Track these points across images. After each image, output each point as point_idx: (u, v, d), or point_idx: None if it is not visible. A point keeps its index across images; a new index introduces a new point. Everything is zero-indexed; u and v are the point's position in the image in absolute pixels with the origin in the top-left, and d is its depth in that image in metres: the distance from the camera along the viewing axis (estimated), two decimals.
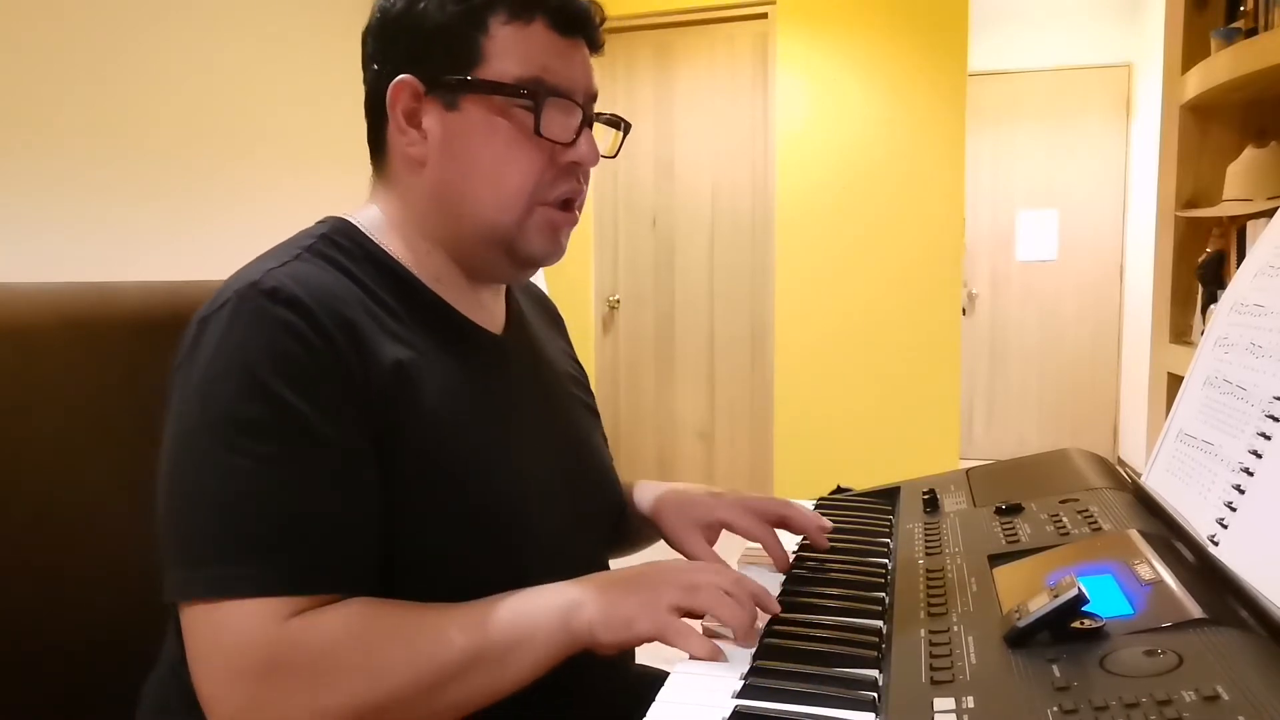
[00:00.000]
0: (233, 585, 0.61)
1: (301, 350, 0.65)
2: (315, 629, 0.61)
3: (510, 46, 0.75)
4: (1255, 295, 0.83)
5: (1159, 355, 2.42)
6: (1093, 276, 4.99)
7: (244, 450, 0.62)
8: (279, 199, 3.50)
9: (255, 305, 0.66)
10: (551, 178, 0.78)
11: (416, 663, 0.62)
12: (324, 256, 0.73)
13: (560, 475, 0.83)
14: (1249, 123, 2.20)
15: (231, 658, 0.60)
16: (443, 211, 0.78)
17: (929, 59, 3.61)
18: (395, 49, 0.77)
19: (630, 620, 0.66)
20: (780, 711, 0.56)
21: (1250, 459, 0.70)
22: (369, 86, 0.80)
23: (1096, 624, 0.56)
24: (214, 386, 0.64)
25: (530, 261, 0.81)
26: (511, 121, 0.75)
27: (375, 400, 0.67)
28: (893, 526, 0.95)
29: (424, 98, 0.76)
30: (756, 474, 3.98)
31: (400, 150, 0.78)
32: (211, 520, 0.62)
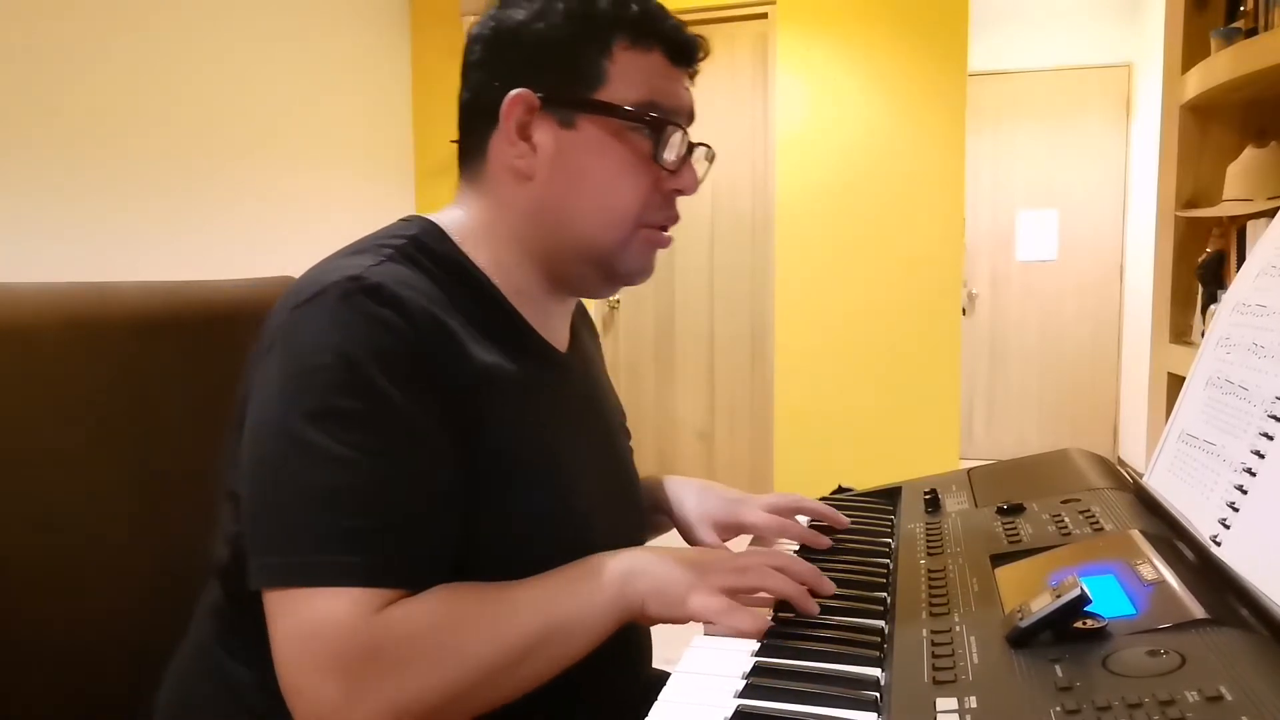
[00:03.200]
0: (329, 573, 0.61)
1: (401, 348, 0.66)
2: (404, 619, 0.61)
3: (630, 71, 0.76)
4: (1257, 295, 0.83)
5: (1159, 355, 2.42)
6: (1093, 276, 4.99)
7: (344, 441, 0.63)
8: (279, 199, 3.50)
9: (358, 300, 0.66)
10: (655, 202, 0.79)
11: (495, 642, 0.63)
12: (413, 260, 0.73)
13: (606, 490, 0.85)
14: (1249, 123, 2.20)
15: (325, 647, 0.59)
16: (544, 225, 0.78)
17: (929, 59, 3.61)
18: (511, 61, 0.77)
19: (681, 598, 0.68)
20: (782, 711, 0.56)
21: (1253, 459, 0.69)
22: (473, 93, 0.80)
23: (1099, 624, 0.56)
24: (314, 377, 0.64)
25: (624, 279, 0.82)
26: (626, 145, 0.77)
27: (461, 404, 0.69)
28: (894, 526, 0.95)
29: (538, 112, 0.76)
30: (756, 474, 3.98)
31: (506, 161, 0.78)
32: (310, 509, 0.62)
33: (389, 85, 4.18)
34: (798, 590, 0.71)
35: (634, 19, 0.77)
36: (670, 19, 0.80)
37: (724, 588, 0.69)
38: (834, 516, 0.95)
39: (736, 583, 0.70)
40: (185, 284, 0.97)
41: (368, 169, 4.03)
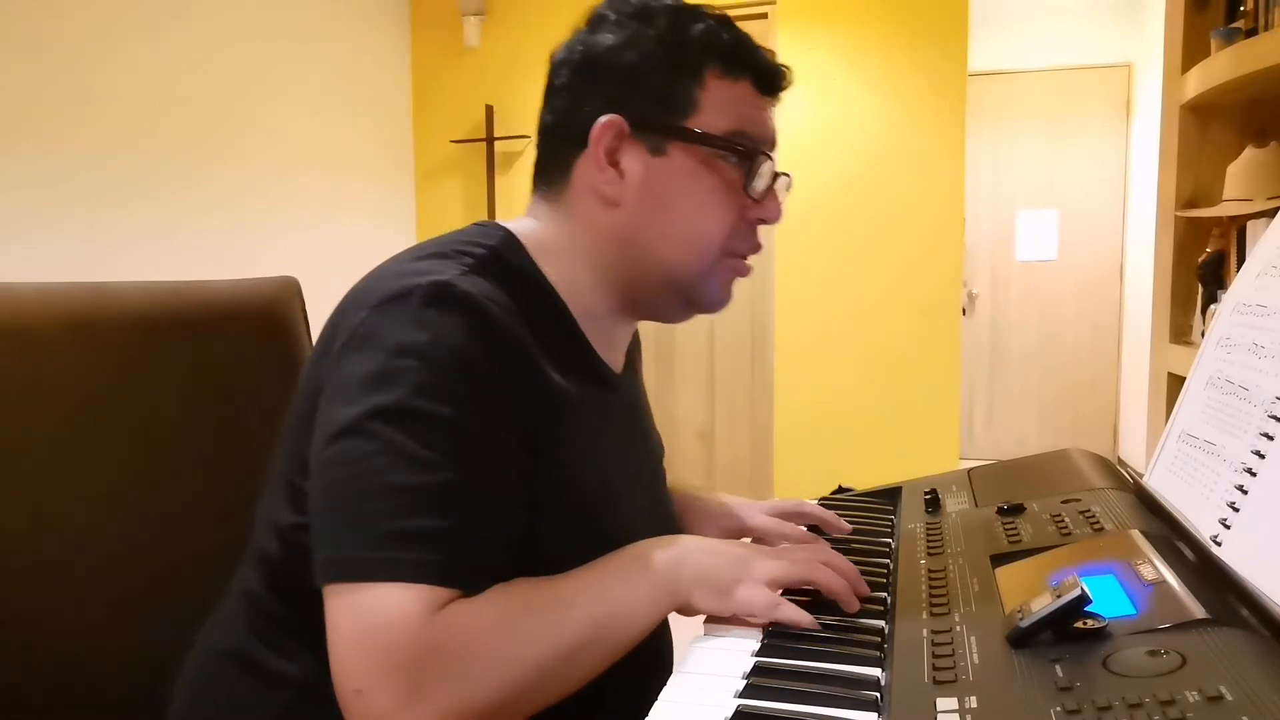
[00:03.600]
0: (396, 568, 0.60)
1: (483, 358, 0.66)
2: (466, 618, 0.61)
3: (720, 100, 0.76)
4: (1257, 295, 0.83)
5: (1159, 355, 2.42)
6: (1093, 276, 4.99)
7: (424, 442, 0.63)
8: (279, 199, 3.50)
9: (447, 306, 0.66)
10: (740, 231, 0.80)
11: (552, 640, 0.63)
12: (492, 272, 0.73)
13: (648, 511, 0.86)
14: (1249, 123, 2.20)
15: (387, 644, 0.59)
16: (628, 250, 0.78)
17: (929, 59, 3.61)
18: (601, 86, 0.77)
19: (728, 589, 0.68)
20: (782, 711, 0.56)
21: (1253, 459, 0.69)
22: (558, 116, 0.79)
23: (1099, 624, 0.56)
24: (398, 377, 0.64)
25: (703, 308, 0.82)
26: (715, 174, 0.77)
27: (529, 419, 0.69)
28: (894, 526, 0.95)
29: (628, 139, 0.76)
30: (756, 474, 3.98)
31: (592, 185, 0.77)
32: (383, 506, 0.62)
33: (389, 85, 4.18)
34: (844, 586, 0.71)
35: (726, 48, 0.77)
36: (760, 49, 0.79)
37: (772, 580, 0.69)
38: (835, 523, 0.95)
39: (786, 575, 0.70)
40: (185, 284, 0.97)
41: (367, 169, 4.03)
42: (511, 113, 4.11)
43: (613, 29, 0.77)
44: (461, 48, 4.16)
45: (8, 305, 0.81)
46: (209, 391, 0.95)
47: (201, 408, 0.94)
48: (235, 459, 0.97)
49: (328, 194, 3.77)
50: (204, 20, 3.14)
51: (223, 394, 0.96)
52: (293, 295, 1.06)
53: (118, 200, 2.84)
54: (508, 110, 4.11)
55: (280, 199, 3.51)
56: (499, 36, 4.11)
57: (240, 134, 3.31)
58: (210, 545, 0.93)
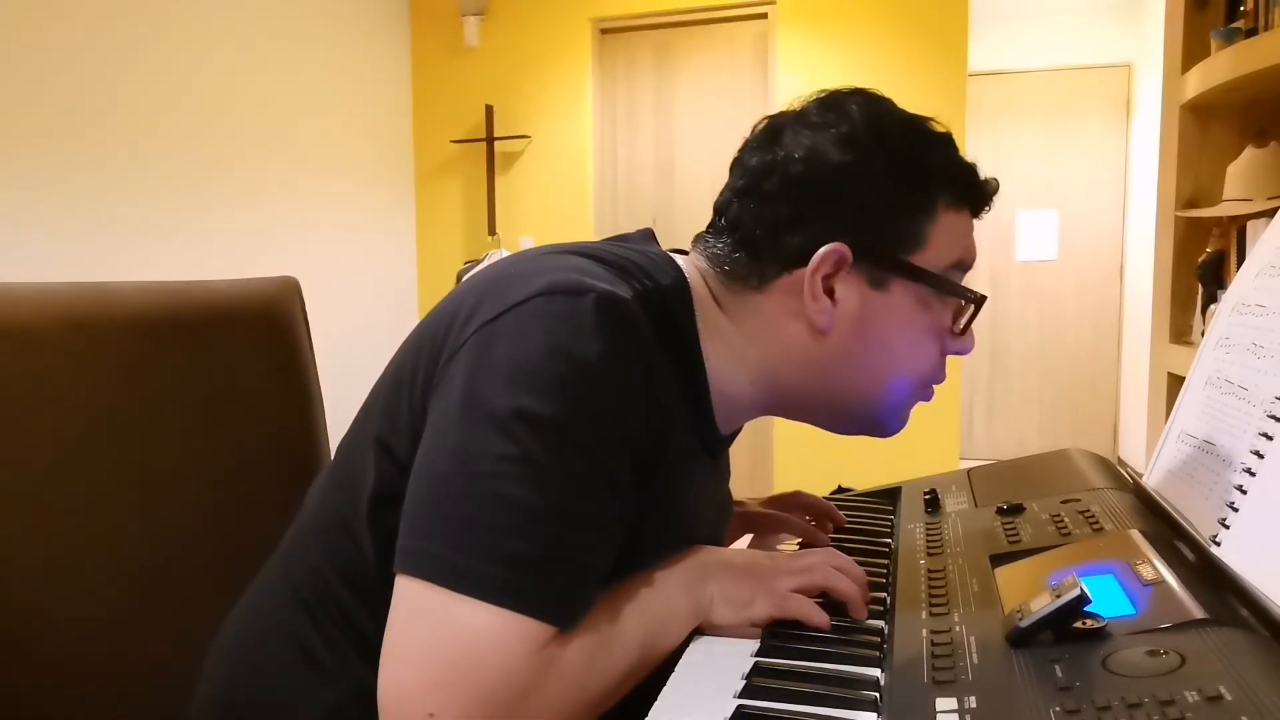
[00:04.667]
0: (501, 589, 0.55)
1: (644, 392, 0.63)
2: (560, 662, 0.58)
3: (946, 234, 0.72)
4: (1257, 295, 0.83)
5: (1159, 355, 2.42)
6: (1093, 276, 4.99)
7: (565, 464, 0.58)
8: (279, 199, 3.50)
9: (622, 325, 0.61)
10: (938, 364, 0.76)
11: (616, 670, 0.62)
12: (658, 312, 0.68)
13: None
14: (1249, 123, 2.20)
15: (481, 675, 0.54)
16: (815, 376, 0.73)
17: (929, 59, 3.61)
18: (827, 208, 0.70)
19: (749, 602, 0.68)
20: (782, 711, 0.56)
21: (1252, 459, 0.69)
22: (763, 224, 0.71)
23: (1098, 624, 0.56)
24: (559, 384, 0.58)
25: (880, 433, 0.79)
26: (932, 314, 0.73)
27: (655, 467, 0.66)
28: (894, 526, 0.95)
29: (847, 267, 0.70)
30: (756, 474, 3.98)
31: (799, 308, 0.71)
32: (505, 519, 0.56)
33: (389, 85, 4.18)
34: (856, 593, 0.70)
35: (957, 178, 0.73)
36: (977, 170, 0.75)
37: (790, 589, 0.69)
38: (832, 512, 0.95)
39: (803, 583, 0.70)
40: (185, 284, 0.97)
41: (367, 169, 4.04)
42: (511, 113, 4.11)
43: (842, 145, 0.71)
44: (461, 48, 4.16)
45: (8, 305, 0.81)
46: (209, 391, 0.95)
47: (201, 408, 0.94)
48: (235, 459, 0.97)
49: (328, 194, 3.77)
50: (204, 20, 3.14)
51: (223, 394, 0.96)
52: (293, 295, 1.06)
53: (118, 200, 2.84)
54: (508, 110, 4.11)
55: (280, 199, 3.51)
56: (499, 36, 4.11)
57: (240, 134, 3.31)
58: (210, 544, 0.93)
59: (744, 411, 0.78)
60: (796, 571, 0.70)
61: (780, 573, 0.70)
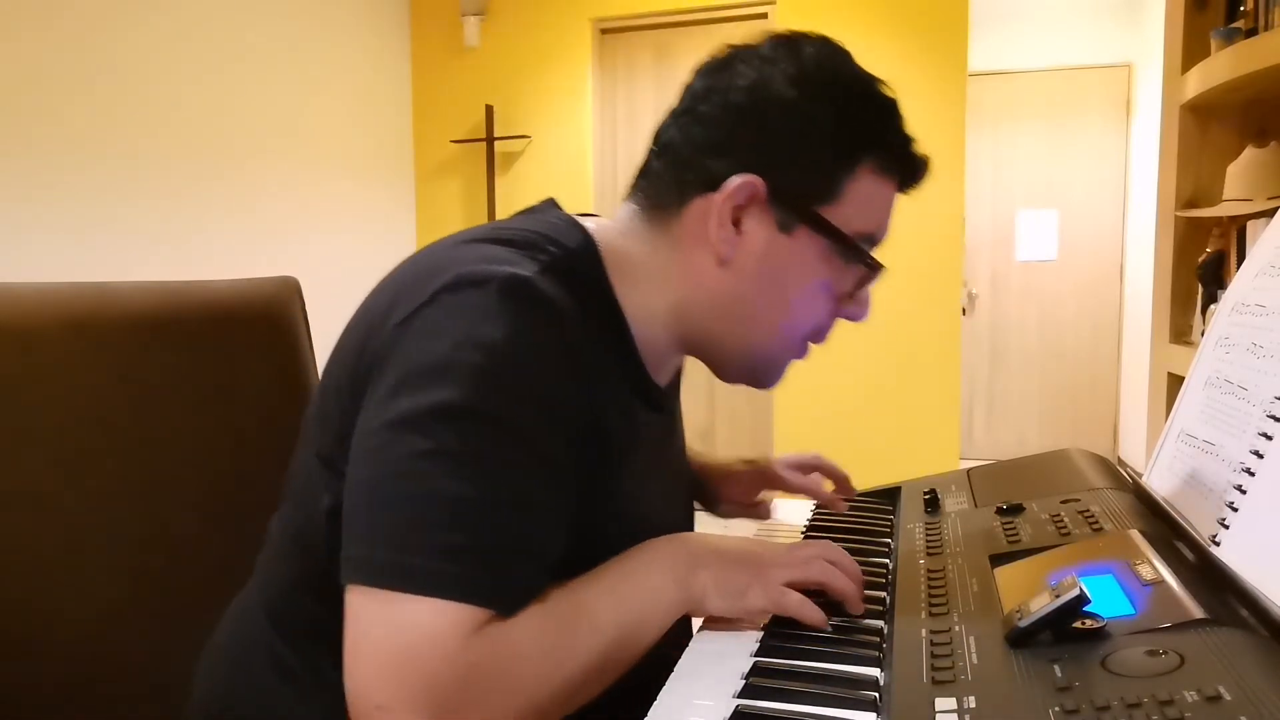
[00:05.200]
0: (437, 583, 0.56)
1: (560, 366, 0.63)
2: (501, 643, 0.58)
3: (865, 197, 0.72)
4: (1256, 295, 0.83)
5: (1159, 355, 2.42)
6: (1093, 276, 4.99)
7: (480, 448, 0.59)
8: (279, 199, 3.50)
9: (525, 305, 0.62)
10: (826, 324, 0.77)
11: (582, 655, 0.62)
12: (566, 275, 0.68)
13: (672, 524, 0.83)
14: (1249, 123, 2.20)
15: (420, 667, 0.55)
16: (718, 312, 0.75)
17: (929, 59, 3.61)
18: (756, 140, 0.71)
19: (743, 591, 0.68)
20: (781, 711, 0.56)
21: (1251, 459, 0.70)
22: (693, 145, 0.73)
23: (1098, 624, 0.56)
24: (466, 373, 0.59)
25: (758, 384, 0.80)
26: (831, 270, 0.73)
27: (584, 434, 0.66)
28: (894, 526, 0.95)
29: (760, 204, 0.71)
30: None
31: (705, 234, 0.72)
32: (434, 513, 0.57)
33: (389, 85, 4.18)
34: (852, 588, 0.71)
35: (889, 143, 0.73)
36: (914, 146, 0.76)
37: (786, 582, 0.69)
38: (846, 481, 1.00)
39: (798, 576, 0.69)
40: (185, 284, 0.97)
41: (368, 169, 4.04)
42: (511, 112, 4.11)
43: (792, 81, 0.71)
44: (461, 48, 4.16)
45: (8, 305, 0.81)
46: (209, 391, 0.95)
47: (201, 408, 0.94)
48: (235, 458, 0.97)
49: (328, 194, 3.77)
50: (204, 21, 3.14)
51: (223, 394, 0.96)
52: (293, 295, 1.06)
53: (118, 200, 2.84)
54: (508, 110, 4.11)
55: (280, 199, 3.51)
56: (499, 36, 4.11)
57: (240, 134, 3.31)
58: (210, 544, 0.93)
59: (667, 353, 0.79)
60: (792, 564, 0.70)
61: (776, 564, 0.70)
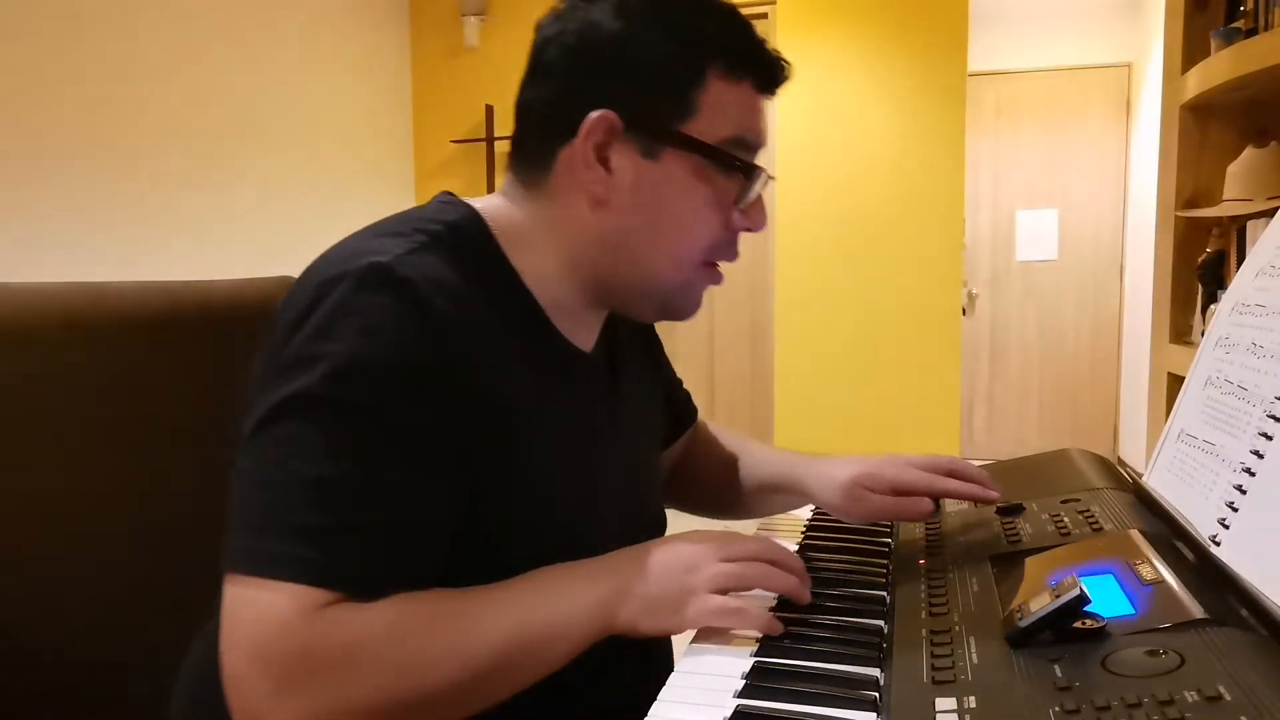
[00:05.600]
0: (281, 566, 0.58)
1: (420, 353, 0.63)
2: (347, 623, 0.59)
3: (721, 104, 0.71)
4: (1256, 295, 0.83)
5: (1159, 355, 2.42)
6: (1093, 276, 4.99)
7: (338, 436, 0.60)
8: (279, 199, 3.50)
9: (380, 292, 0.62)
10: (724, 240, 0.76)
11: (453, 659, 0.61)
12: (449, 249, 0.69)
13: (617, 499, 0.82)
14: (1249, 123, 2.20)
15: (262, 639, 0.58)
16: (607, 252, 0.74)
17: (929, 59, 3.61)
18: (599, 78, 0.71)
19: (676, 607, 0.65)
20: (782, 710, 0.56)
21: (1252, 459, 0.69)
22: (544, 99, 0.74)
23: (1098, 624, 0.56)
24: (325, 364, 0.61)
25: (676, 315, 0.79)
26: (709, 185, 0.73)
27: (476, 419, 0.66)
28: (894, 526, 0.95)
29: (620, 137, 0.71)
30: None
31: (577, 180, 0.72)
32: (286, 498, 0.60)
33: (389, 85, 4.18)
34: (794, 585, 0.69)
35: (732, 46, 0.73)
36: (765, 45, 0.75)
37: (718, 588, 0.66)
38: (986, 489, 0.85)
39: (732, 583, 0.67)
40: (185, 284, 0.97)
41: (368, 169, 4.04)
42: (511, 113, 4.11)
43: (616, 13, 0.71)
44: (461, 48, 4.16)
45: (8, 305, 0.81)
46: (208, 391, 0.95)
47: (201, 407, 0.94)
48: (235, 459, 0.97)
49: (328, 194, 3.77)
50: (204, 21, 3.14)
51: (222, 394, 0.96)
52: None
53: (118, 200, 2.84)
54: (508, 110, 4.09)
55: (280, 199, 3.51)
56: (499, 36, 4.11)
57: (240, 134, 3.31)
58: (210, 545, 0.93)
59: (582, 313, 0.78)
60: (726, 571, 0.67)
61: (708, 572, 0.67)
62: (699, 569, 0.67)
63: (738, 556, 0.68)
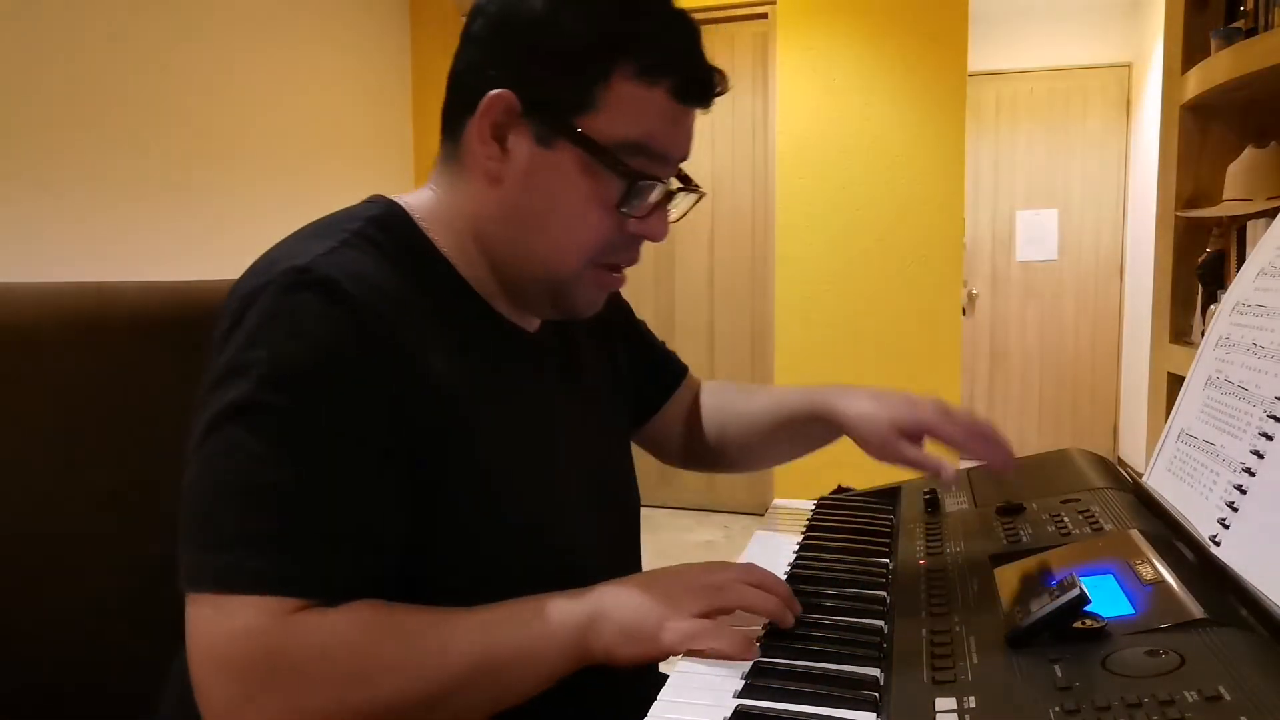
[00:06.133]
0: (241, 578, 0.59)
1: (346, 350, 0.63)
2: (314, 630, 0.59)
3: (625, 104, 0.70)
4: (1257, 296, 0.83)
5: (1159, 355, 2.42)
6: (1093, 276, 4.99)
7: (274, 442, 0.60)
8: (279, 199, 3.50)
9: (303, 296, 0.63)
10: (617, 244, 0.75)
11: (416, 673, 0.60)
12: (372, 243, 0.70)
13: (584, 478, 0.81)
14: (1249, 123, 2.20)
15: (226, 649, 0.58)
16: (503, 234, 0.74)
17: (929, 59, 3.61)
18: (507, 54, 0.71)
19: (653, 634, 0.64)
20: (782, 711, 0.56)
21: (1252, 459, 0.70)
22: (462, 66, 0.74)
23: (1098, 624, 0.56)
24: (253, 372, 0.61)
25: (569, 311, 0.78)
26: (597, 183, 0.71)
27: (414, 408, 0.65)
28: (894, 526, 0.95)
29: (518, 118, 0.70)
30: (756, 473, 3.98)
31: (477, 156, 0.73)
32: (229, 508, 0.60)
33: (389, 85, 4.18)
34: (776, 605, 0.68)
35: (654, 49, 0.70)
36: (691, 52, 0.73)
37: (699, 612, 0.65)
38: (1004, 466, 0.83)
39: (711, 605, 0.66)
40: (185, 284, 0.97)
41: (368, 169, 4.04)
42: None
43: None
44: None
45: (8, 305, 0.81)
46: None
47: None
48: None
49: (328, 194, 3.77)
50: (204, 21, 3.14)
51: None
52: None
53: (118, 200, 2.84)
54: None
55: (280, 199, 3.51)
56: None
57: (240, 134, 3.31)
58: None
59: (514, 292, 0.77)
60: (705, 595, 0.66)
61: (687, 595, 0.66)
62: (677, 596, 0.66)
63: (716, 581, 0.68)
